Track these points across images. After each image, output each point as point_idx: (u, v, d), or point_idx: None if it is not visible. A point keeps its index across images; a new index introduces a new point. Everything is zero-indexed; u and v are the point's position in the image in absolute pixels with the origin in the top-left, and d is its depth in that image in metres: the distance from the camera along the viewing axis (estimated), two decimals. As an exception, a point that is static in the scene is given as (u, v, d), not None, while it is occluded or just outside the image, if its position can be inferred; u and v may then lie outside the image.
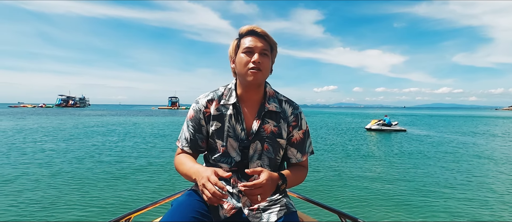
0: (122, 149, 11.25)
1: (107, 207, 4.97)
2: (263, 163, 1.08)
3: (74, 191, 5.78)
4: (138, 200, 5.38)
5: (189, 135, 1.10)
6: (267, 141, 1.07)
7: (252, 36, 1.04)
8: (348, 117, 50.61)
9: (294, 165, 1.15)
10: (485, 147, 13.32)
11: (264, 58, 1.03)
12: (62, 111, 56.45)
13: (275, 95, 1.13)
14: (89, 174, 7.12)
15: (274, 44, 1.08)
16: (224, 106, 1.09)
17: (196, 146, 1.11)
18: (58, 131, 17.56)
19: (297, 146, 1.13)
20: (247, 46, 1.03)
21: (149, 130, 19.69)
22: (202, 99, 1.10)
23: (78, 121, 27.82)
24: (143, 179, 6.77)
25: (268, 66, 1.05)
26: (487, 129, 24.63)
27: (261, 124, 1.08)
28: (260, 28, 1.04)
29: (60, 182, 6.41)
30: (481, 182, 7.09)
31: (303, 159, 1.14)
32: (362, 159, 10.01)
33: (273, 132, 1.08)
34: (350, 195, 5.94)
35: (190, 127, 1.10)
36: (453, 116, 59.85)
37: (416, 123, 33.58)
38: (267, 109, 1.08)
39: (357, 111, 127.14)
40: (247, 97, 1.09)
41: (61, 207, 4.91)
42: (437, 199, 5.78)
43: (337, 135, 18.18)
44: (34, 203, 5.05)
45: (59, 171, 7.36)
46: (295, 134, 1.12)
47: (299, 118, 1.12)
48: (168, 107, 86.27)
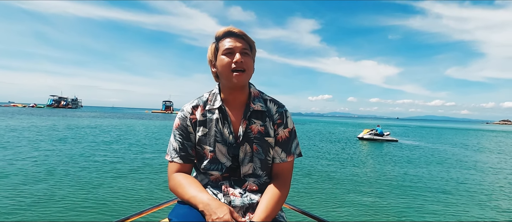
0: (109, 153, 11.04)
1: (91, 212, 4.84)
2: (255, 165, 1.05)
3: (55, 194, 5.62)
4: (125, 204, 5.25)
5: (178, 144, 1.06)
6: (256, 141, 1.05)
7: (230, 37, 1.03)
8: (342, 126, 50.90)
9: (275, 174, 1.10)
10: (475, 159, 13.47)
11: (246, 58, 1.02)
12: (53, 111, 55.63)
13: (260, 95, 1.12)
14: (74, 178, 6.95)
15: (253, 43, 1.07)
16: (210, 111, 1.06)
17: (186, 155, 1.06)
18: (45, 132, 17.22)
19: (282, 145, 1.09)
20: (226, 47, 1.01)
21: (141, 133, 19.46)
22: (187, 107, 1.08)
23: (68, 122, 27.41)
24: (131, 184, 6.63)
25: (251, 66, 1.04)
26: (477, 142, 25.00)
27: (248, 124, 1.06)
28: (236, 28, 1.03)
29: (44, 185, 6.23)
30: (469, 192, 7.15)
31: (288, 160, 1.09)
32: (352, 167, 10.02)
33: (260, 131, 1.06)
34: (337, 202, 5.92)
35: (178, 136, 1.07)
36: (445, 128, 60.66)
37: (409, 134, 33.91)
38: (252, 109, 1.06)
39: (351, 120, 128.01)
40: (232, 99, 1.07)
41: (44, 209, 4.76)
42: (426, 208, 5.80)
43: (330, 143, 18.24)
44: (17, 204, 4.90)
45: (43, 174, 7.17)
46: (280, 132, 1.09)
47: (284, 115, 1.10)
48: (162, 111, 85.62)
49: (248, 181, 1.05)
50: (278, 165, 1.09)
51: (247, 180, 1.05)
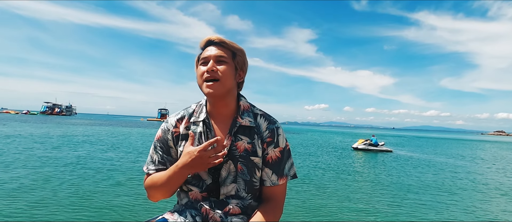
0: (90, 165, 10.62)
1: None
2: (239, 186, 0.95)
3: (49, 203, 5.28)
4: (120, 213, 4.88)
5: (157, 157, 0.99)
6: (241, 160, 0.94)
7: (208, 46, 0.96)
8: (338, 135, 50.74)
9: (266, 198, 0.99)
10: (470, 170, 13.28)
11: (222, 65, 0.92)
12: (46, 118, 54.87)
13: (250, 109, 1.01)
14: (67, 187, 6.54)
15: (237, 50, 0.97)
16: (194, 124, 0.98)
17: (164, 169, 0.97)
18: (35, 140, 16.72)
19: (273, 166, 0.97)
20: (202, 57, 0.95)
21: (134, 143, 19.01)
22: (171, 119, 1.01)
23: (60, 129, 26.85)
24: (126, 193, 6.24)
25: (228, 74, 0.93)
26: (473, 153, 24.93)
27: (233, 141, 0.95)
28: (216, 36, 0.96)
29: (37, 194, 5.85)
30: (464, 202, 6.94)
31: (280, 183, 0.97)
32: (346, 177, 9.74)
33: (247, 149, 0.95)
34: (329, 212, 5.61)
35: (158, 148, 1.00)
36: (440, 139, 60.88)
37: (404, 144, 33.78)
38: (239, 125, 0.96)
39: (347, 130, 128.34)
40: (217, 112, 0.98)
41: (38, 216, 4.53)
42: (419, 217, 5.62)
43: (324, 153, 17.94)
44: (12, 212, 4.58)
45: (36, 183, 6.76)
46: (270, 152, 0.97)
47: (275, 133, 0.98)
48: (157, 119, 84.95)
49: (231, 203, 0.95)
50: (268, 189, 0.98)
51: (229, 202, 0.95)
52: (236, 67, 0.97)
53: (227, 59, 0.94)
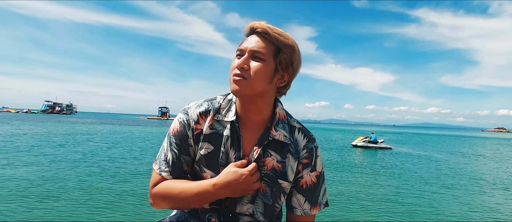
0: (94, 162, 10.69)
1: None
2: (256, 209, 0.80)
3: (36, 204, 5.31)
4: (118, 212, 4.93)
5: (172, 156, 0.79)
6: (266, 180, 0.79)
7: (251, 35, 0.78)
8: (339, 133, 50.75)
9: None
10: (471, 167, 13.32)
11: (256, 62, 0.74)
12: (47, 117, 54.94)
13: (286, 120, 0.84)
14: (53, 189, 6.61)
15: (283, 45, 0.75)
16: (220, 124, 0.81)
17: (179, 171, 0.80)
18: (39, 138, 16.79)
19: (307, 193, 0.83)
20: (239, 47, 0.77)
21: (135, 140, 19.08)
22: (193, 110, 0.81)
23: (62, 128, 26.95)
24: (113, 198, 6.31)
25: (260, 75, 0.74)
26: (473, 150, 24.95)
27: (261, 155, 0.79)
28: (260, 25, 0.75)
29: (30, 192, 5.89)
30: (464, 199, 6.98)
31: (312, 213, 0.84)
32: (344, 173, 9.79)
33: (275, 169, 0.80)
34: (327, 209, 5.66)
35: (174, 145, 0.80)
36: (441, 136, 60.84)
37: (404, 141, 33.82)
38: (272, 138, 0.80)
39: (348, 127, 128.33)
40: (247, 117, 0.81)
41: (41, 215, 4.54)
42: (416, 214, 5.62)
43: (324, 150, 18.02)
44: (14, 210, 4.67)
45: (23, 185, 6.83)
46: (305, 176, 0.83)
47: (313, 154, 0.84)
48: (157, 118, 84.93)
49: (242, 220, 0.81)
50: (298, 217, 0.84)
51: (240, 218, 0.81)
52: (277, 67, 0.77)
53: (266, 55, 0.75)
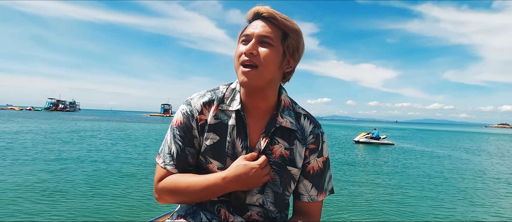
0: (100, 158, 10.82)
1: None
2: (265, 198, 0.80)
3: (43, 199, 5.42)
4: (108, 217, 5.01)
5: (176, 148, 0.78)
6: (274, 168, 0.79)
7: (256, 20, 0.76)
8: (341, 129, 50.75)
9: (300, 213, 0.84)
10: (473, 162, 13.31)
11: (265, 48, 0.73)
12: (50, 114, 55.36)
13: (291, 106, 0.84)
14: (60, 186, 6.72)
15: (290, 30, 0.75)
16: (225, 113, 0.80)
17: (184, 164, 0.79)
18: (45, 135, 16.98)
19: (314, 179, 0.83)
20: (244, 33, 0.76)
21: (139, 137, 19.22)
22: (196, 101, 0.80)
23: (66, 125, 27.19)
24: (120, 192, 6.42)
25: (270, 61, 0.73)
26: (476, 145, 24.85)
27: (269, 143, 0.79)
28: (266, 9, 0.74)
29: (24, 195, 6.02)
30: (466, 194, 6.98)
31: (319, 199, 0.84)
32: (346, 169, 9.84)
33: (284, 156, 0.80)
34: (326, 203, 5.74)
35: (178, 138, 0.79)
36: (444, 131, 60.69)
37: (407, 137, 33.78)
38: (279, 125, 0.79)
39: (350, 124, 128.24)
40: (252, 104, 0.80)
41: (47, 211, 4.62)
42: (418, 210, 5.65)
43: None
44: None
45: (30, 181, 6.95)
46: (312, 162, 0.83)
47: (320, 140, 0.84)
48: (160, 115, 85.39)
49: (252, 210, 0.80)
50: (305, 204, 0.84)
51: (250, 209, 0.80)
52: (285, 52, 0.76)
53: (274, 40, 0.74)
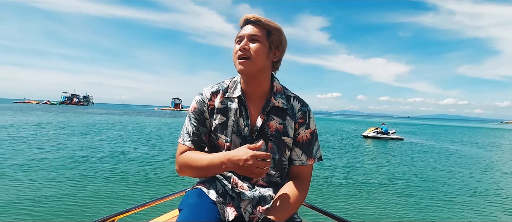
0: (118, 149, 11.35)
1: (96, 206, 4.96)
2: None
3: (64, 188, 5.86)
4: (132, 199, 5.40)
5: (192, 128, 1.01)
6: (272, 139, 1.01)
7: (245, 25, 1.00)
8: (351, 124, 50.40)
9: (294, 176, 1.04)
10: (486, 158, 13.18)
11: (254, 44, 0.96)
12: (66, 108, 56.97)
13: (283, 91, 1.06)
14: (86, 172, 7.22)
15: (272, 28, 0.99)
16: (229, 99, 1.03)
17: (199, 140, 1.02)
18: (60, 128, 17.75)
19: (303, 147, 1.04)
20: (238, 35, 0.99)
21: (151, 130, 19.80)
22: (206, 91, 1.04)
23: (83, 118, 28.14)
24: (141, 178, 6.88)
25: (259, 53, 0.96)
26: (490, 141, 24.36)
27: (266, 120, 1.01)
28: (253, 15, 0.98)
29: (55, 179, 6.50)
30: (477, 192, 6.99)
31: (308, 163, 1.03)
32: (354, 162, 10.05)
33: (278, 129, 1.01)
34: (332, 195, 6.01)
35: (193, 119, 1.02)
36: (457, 127, 59.32)
37: (417, 132, 33.39)
38: (272, 105, 1.01)
39: (360, 119, 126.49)
40: (251, 90, 1.02)
41: (53, 204, 4.84)
42: (421, 206, 5.79)
43: (335, 141, 18.25)
44: (29, 200, 5.05)
45: (57, 168, 7.49)
46: (301, 133, 1.04)
47: (307, 115, 1.04)
48: (171, 109, 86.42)
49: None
50: (297, 168, 1.04)
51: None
52: (270, 46, 0.98)
53: (261, 38, 0.96)
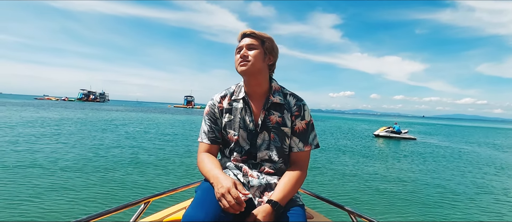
0: (137, 144, 11.81)
1: (127, 192, 5.43)
2: (271, 152, 1.17)
3: (95, 178, 6.24)
4: (157, 187, 5.81)
5: (207, 127, 1.22)
6: (273, 130, 1.17)
7: (243, 38, 1.19)
8: (363, 123, 49.78)
9: (293, 161, 1.21)
10: (503, 160, 12.91)
11: (252, 51, 1.15)
12: (83, 104, 58.75)
13: (280, 90, 1.24)
14: (109, 164, 7.68)
15: (265, 38, 1.18)
16: (235, 101, 1.21)
17: (214, 137, 1.22)
18: (78, 123, 18.49)
19: (299, 136, 1.20)
20: (238, 47, 1.19)
21: (166, 127, 20.38)
22: (216, 97, 1.24)
23: (100, 114, 29.12)
24: (162, 170, 7.30)
25: (257, 57, 1.14)
26: (510, 142, 23.67)
27: (267, 115, 1.18)
28: (249, 29, 1.19)
29: (81, 170, 6.91)
30: (489, 195, 6.96)
31: (305, 149, 1.19)
32: (364, 160, 10.12)
33: (278, 122, 1.18)
34: (339, 190, 6.21)
35: (207, 120, 1.23)
36: (474, 127, 57.52)
37: (432, 132, 32.70)
38: (271, 102, 1.19)
39: (374, 118, 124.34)
40: (253, 91, 1.20)
41: (82, 193, 5.20)
42: (430, 208, 5.84)
43: (346, 139, 18.22)
44: (52, 190, 5.36)
45: (83, 160, 7.99)
46: (297, 123, 1.19)
47: (301, 108, 1.20)
48: (183, 106, 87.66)
49: (264, 165, 1.18)
50: (295, 154, 1.20)
51: (263, 164, 1.18)
52: (265, 52, 1.17)
53: (257, 46, 1.15)
